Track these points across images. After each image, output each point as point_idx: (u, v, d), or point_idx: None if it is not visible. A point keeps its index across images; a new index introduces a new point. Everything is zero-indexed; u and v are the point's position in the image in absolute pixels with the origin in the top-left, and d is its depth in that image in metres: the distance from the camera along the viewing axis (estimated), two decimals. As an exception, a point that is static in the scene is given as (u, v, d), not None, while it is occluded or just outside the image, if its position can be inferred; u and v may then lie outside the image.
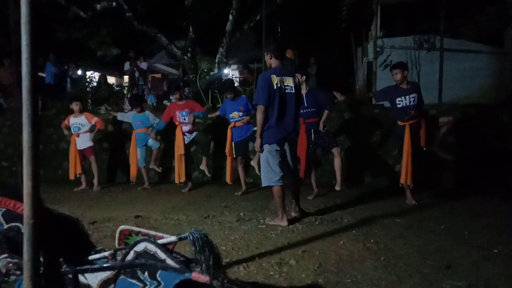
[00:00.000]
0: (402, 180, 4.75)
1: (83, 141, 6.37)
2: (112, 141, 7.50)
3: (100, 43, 10.50)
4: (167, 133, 6.79)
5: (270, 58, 3.93)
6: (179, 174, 5.99)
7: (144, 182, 6.48)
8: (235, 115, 5.67)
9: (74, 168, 6.32)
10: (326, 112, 5.09)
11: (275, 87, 3.75)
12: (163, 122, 6.16)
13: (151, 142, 6.42)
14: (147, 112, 6.54)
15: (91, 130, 6.44)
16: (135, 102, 6.60)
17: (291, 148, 3.97)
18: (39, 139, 1.45)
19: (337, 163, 5.11)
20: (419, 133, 4.76)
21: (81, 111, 6.52)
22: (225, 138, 5.82)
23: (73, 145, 6.35)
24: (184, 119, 5.98)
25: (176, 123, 6.04)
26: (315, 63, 10.44)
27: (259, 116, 3.76)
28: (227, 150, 5.70)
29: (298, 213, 4.13)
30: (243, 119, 5.65)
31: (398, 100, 4.76)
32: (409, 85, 4.80)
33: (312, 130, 5.06)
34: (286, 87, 3.83)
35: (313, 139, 5.08)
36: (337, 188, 5.13)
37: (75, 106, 6.44)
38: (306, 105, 5.00)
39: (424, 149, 4.79)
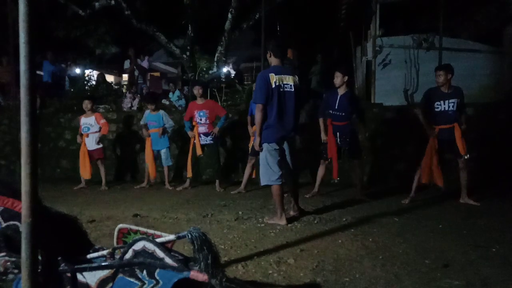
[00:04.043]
0: (424, 180, 4.70)
1: (92, 142, 6.31)
2: (112, 140, 7.49)
3: (98, 42, 10.49)
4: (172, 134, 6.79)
5: (270, 57, 3.94)
6: (190, 168, 6.04)
7: (143, 181, 6.47)
8: None
9: (87, 167, 6.27)
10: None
11: (273, 86, 3.75)
12: (186, 122, 6.10)
13: (164, 156, 6.31)
14: (162, 112, 6.34)
15: (100, 130, 6.40)
16: (148, 99, 6.55)
17: (290, 147, 3.97)
18: (38, 137, 1.45)
19: (355, 174, 5.08)
20: (454, 139, 4.58)
21: (93, 111, 6.46)
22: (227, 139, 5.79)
23: (83, 145, 6.31)
24: (201, 120, 5.92)
25: (194, 123, 5.98)
26: (321, 61, 10.34)
27: (258, 115, 3.77)
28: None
29: (297, 212, 4.14)
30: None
31: (437, 104, 4.63)
32: (451, 90, 4.62)
33: (338, 133, 4.97)
34: (285, 85, 3.82)
35: (338, 142, 4.98)
36: (357, 197, 5.04)
37: (88, 104, 6.38)
38: (337, 107, 4.91)
39: (466, 157, 4.58)
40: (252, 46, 12.18)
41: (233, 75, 9.90)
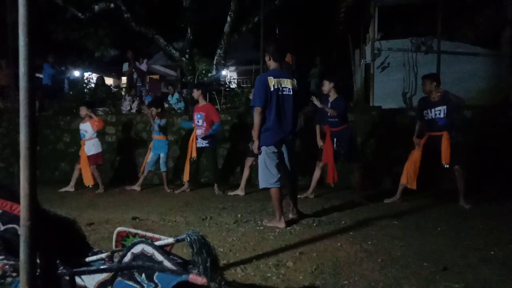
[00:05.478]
0: (402, 181, 4.87)
1: (88, 148, 6.28)
2: (111, 143, 7.49)
3: (98, 44, 10.49)
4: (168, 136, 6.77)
5: (269, 60, 3.96)
6: (188, 172, 6.08)
7: (136, 183, 6.42)
8: None
9: (90, 174, 6.23)
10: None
11: (272, 89, 3.76)
12: (190, 122, 6.20)
13: (161, 160, 6.29)
14: (157, 121, 6.16)
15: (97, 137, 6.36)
16: (153, 103, 6.53)
17: (289, 150, 3.98)
18: (36, 140, 1.45)
19: (355, 177, 5.13)
20: (439, 147, 4.60)
21: (90, 117, 6.33)
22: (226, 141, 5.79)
23: (82, 152, 6.29)
24: (198, 122, 5.96)
25: (193, 125, 6.04)
26: (320, 64, 10.37)
27: (256, 118, 3.78)
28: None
29: (296, 215, 4.13)
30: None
31: (425, 112, 4.73)
32: (438, 98, 4.67)
33: (335, 138, 5.05)
34: (284, 88, 3.84)
35: (335, 147, 5.06)
36: (356, 200, 5.04)
37: (81, 111, 6.37)
38: (329, 114, 5.01)
39: (446, 166, 4.59)
40: (251, 49, 12.21)
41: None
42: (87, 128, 6.32)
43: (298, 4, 10.55)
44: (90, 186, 6.28)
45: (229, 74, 13.70)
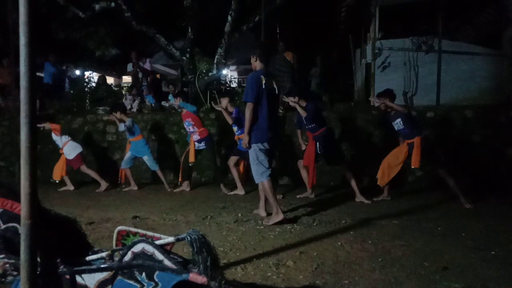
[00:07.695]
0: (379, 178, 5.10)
1: (68, 152, 6.32)
2: (111, 142, 7.49)
3: (98, 43, 10.48)
4: (162, 133, 6.76)
5: (255, 61, 4.09)
6: (181, 173, 6.17)
7: (131, 183, 6.42)
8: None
9: (59, 170, 6.35)
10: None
11: (263, 87, 3.89)
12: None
13: (148, 162, 6.30)
14: (120, 126, 6.18)
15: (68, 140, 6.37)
16: (112, 109, 6.43)
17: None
18: (37, 139, 1.45)
19: (347, 178, 5.19)
20: (412, 153, 4.78)
21: (59, 131, 6.30)
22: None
23: (62, 159, 6.36)
24: (189, 129, 6.00)
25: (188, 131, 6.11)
26: (321, 63, 10.30)
27: (248, 113, 3.87)
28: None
29: (265, 212, 4.27)
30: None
31: (392, 125, 5.00)
32: (393, 111, 4.93)
33: (317, 142, 5.13)
34: (271, 88, 4.01)
35: (318, 150, 5.14)
36: (357, 199, 5.08)
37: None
38: (305, 121, 5.14)
39: (419, 170, 4.83)
40: (252, 48, 12.18)
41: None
42: (54, 137, 6.35)
43: (299, 3, 10.53)
44: (57, 181, 6.40)
45: (229, 73, 13.67)
